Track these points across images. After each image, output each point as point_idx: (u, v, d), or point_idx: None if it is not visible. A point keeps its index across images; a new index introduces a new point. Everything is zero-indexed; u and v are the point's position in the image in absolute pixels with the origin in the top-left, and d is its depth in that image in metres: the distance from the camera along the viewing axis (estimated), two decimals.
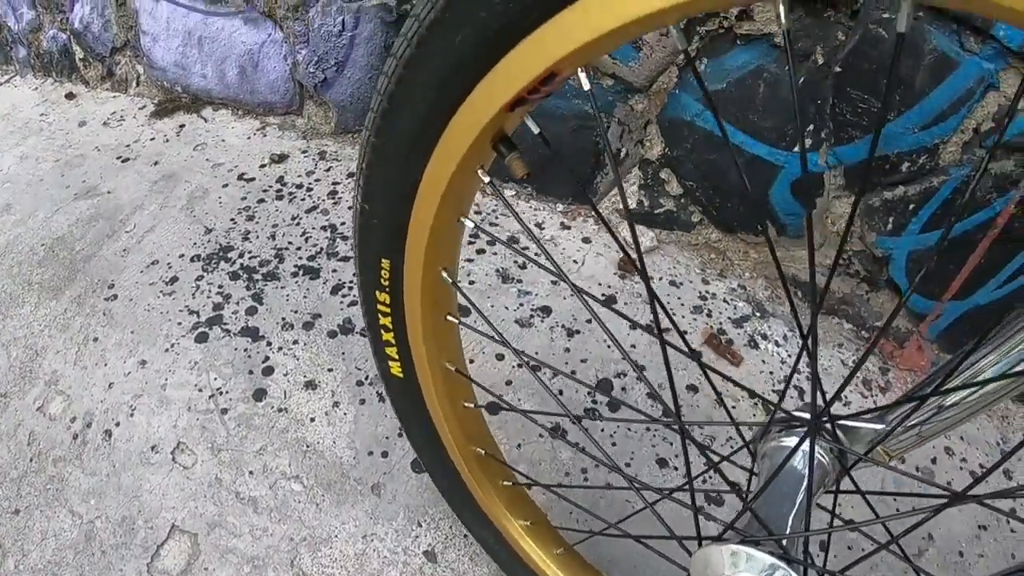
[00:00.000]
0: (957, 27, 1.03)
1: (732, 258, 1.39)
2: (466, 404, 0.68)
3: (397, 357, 0.66)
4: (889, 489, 1.07)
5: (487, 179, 0.47)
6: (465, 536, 0.91)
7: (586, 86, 0.38)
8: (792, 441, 0.52)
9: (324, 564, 0.89)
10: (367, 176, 0.52)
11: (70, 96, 2.22)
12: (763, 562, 0.43)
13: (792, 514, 0.49)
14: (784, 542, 0.45)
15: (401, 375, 0.68)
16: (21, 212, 1.62)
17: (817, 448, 0.52)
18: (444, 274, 0.56)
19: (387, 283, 0.59)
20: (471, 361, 1.13)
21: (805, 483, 0.50)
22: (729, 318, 1.27)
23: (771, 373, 1.19)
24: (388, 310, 0.62)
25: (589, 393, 1.09)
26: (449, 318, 0.61)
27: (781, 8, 0.27)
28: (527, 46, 0.36)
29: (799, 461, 0.52)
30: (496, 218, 1.46)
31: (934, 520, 1.00)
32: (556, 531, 0.80)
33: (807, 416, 0.52)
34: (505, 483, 0.75)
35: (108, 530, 0.96)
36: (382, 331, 0.64)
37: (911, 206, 1.19)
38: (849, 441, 0.53)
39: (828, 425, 0.51)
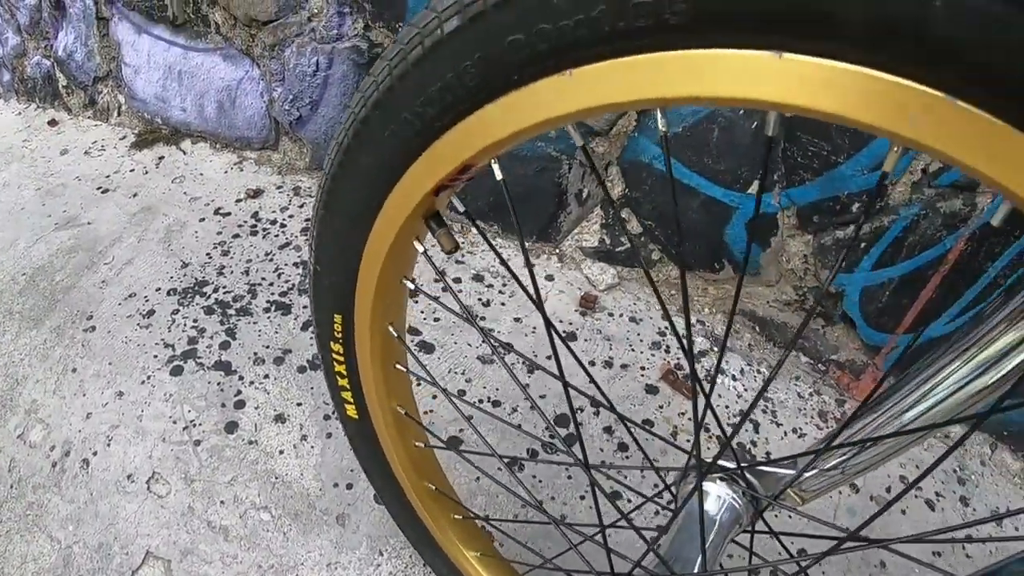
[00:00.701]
0: None
1: (691, 294, 1.47)
2: (416, 444, 0.76)
3: (352, 401, 0.74)
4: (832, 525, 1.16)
5: (422, 249, 0.55)
6: (425, 566, 0.98)
7: (499, 176, 0.46)
8: (709, 487, 0.60)
9: None
10: (318, 242, 0.60)
11: (53, 123, 2.30)
12: None
13: (699, 554, 0.56)
14: None
15: (356, 417, 0.75)
16: (2, 240, 1.69)
17: (731, 492, 0.60)
18: (391, 328, 0.64)
19: (340, 335, 0.67)
20: (433, 397, 1.20)
21: (714, 524, 0.57)
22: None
23: (726, 407, 1.27)
24: (342, 359, 0.69)
25: (547, 428, 1.17)
26: (398, 366, 0.69)
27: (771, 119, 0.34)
28: (444, 142, 0.45)
29: (712, 504, 0.59)
30: (462, 255, 1.54)
31: (886, 553, 1.07)
32: (506, 562, 0.87)
33: (729, 464, 0.60)
34: (456, 516, 0.83)
35: (85, 555, 1.02)
36: (337, 377, 0.72)
37: (862, 245, 1.27)
38: (764, 485, 0.60)
39: (738, 469, 0.59)
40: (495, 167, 0.47)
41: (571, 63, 0.35)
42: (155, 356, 1.33)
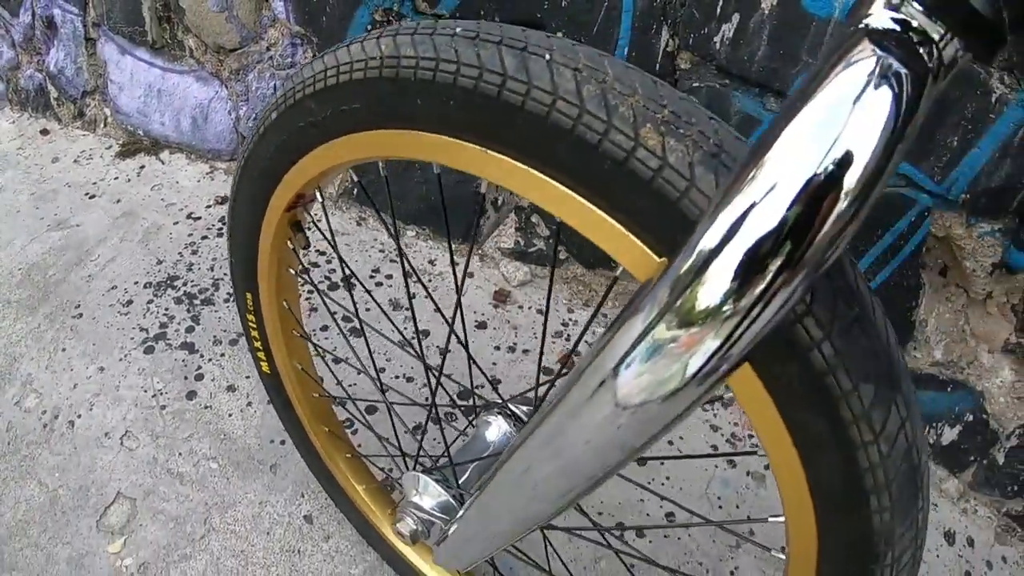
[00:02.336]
0: (759, 90, 1.33)
1: (596, 290, 1.76)
2: (313, 394, 1.05)
3: (265, 359, 1.03)
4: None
5: (291, 247, 0.85)
6: (327, 498, 1.26)
7: (319, 202, 0.76)
8: (489, 418, 0.89)
9: (229, 522, 1.25)
10: (230, 239, 0.90)
11: (44, 132, 2.59)
12: (422, 480, 0.79)
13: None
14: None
15: (269, 372, 1.04)
16: (0, 240, 1.99)
17: (508, 426, 0.88)
18: (285, 303, 0.93)
19: (251, 308, 0.96)
20: (359, 373, 1.50)
21: (489, 447, 0.86)
22: (586, 341, 1.63)
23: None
24: (255, 326, 0.98)
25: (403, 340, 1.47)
26: (294, 332, 0.98)
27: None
28: (286, 179, 0.73)
29: (492, 432, 0.88)
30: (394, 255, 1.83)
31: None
32: (386, 492, 1.16)
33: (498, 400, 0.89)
34: (348, 455, 1.12)
35: (68, 496, 1.31)
36: (254, 340, 1.01)
37: None
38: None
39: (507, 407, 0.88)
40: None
41: (335, 135, 0.64)
42: (131, 338, 1.62)
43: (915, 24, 0.31)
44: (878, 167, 0.32)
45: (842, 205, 0.32)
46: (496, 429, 0.85)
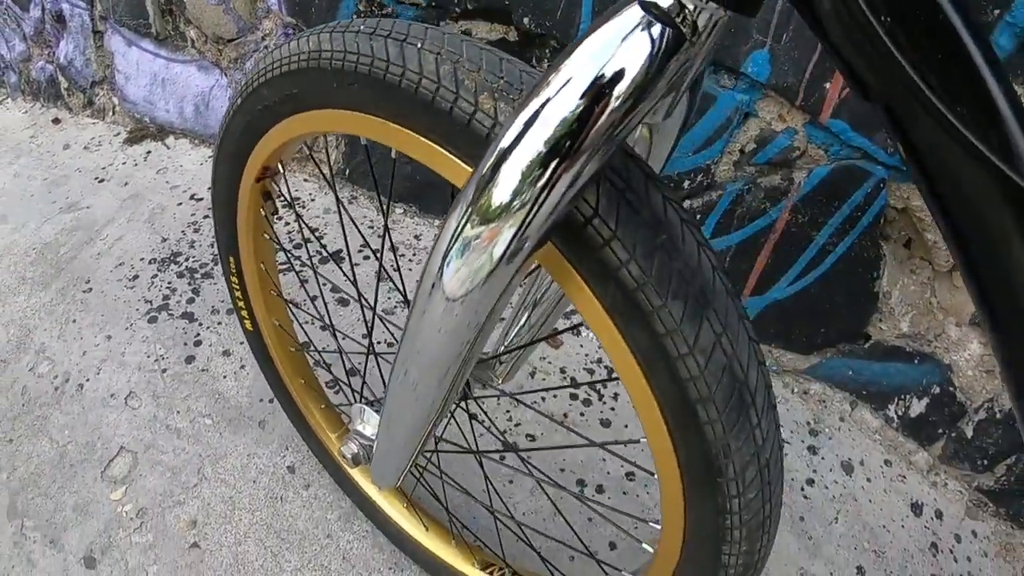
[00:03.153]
0: (713, 68, 1.37)
1: None
2: (291, 348, 1.19)
3: (248, 317, 1.16)
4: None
5: (264, 214, 0.98)
6: (307, 447, 1.39)
7: (284, 181, 0.89)
8: None
9: (219, 472, 1.39)
10: (214, 212, 1.03)
11: (56, 121, 2.75)
12: (365, 411, 0.92)
13: None
14: None
15: (252, 329, 1.18)
16: (15, 222, 2.14)
17: None
18: (262, 266, 1.06)
19: (234, 271, 1.09)
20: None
21: None
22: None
23: (586, 355, 1.66)
24: (238, 287, 1.12)
25: None
26: (272, 292, 1.11)
27: None
28: (253, 154, 0.87)
29: None
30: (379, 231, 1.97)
31: None
32: None
33: None
34: (322, 405, 1.25)
35: (76, 451, 1.45)
36: (237, 300, 1.14)
37: (698, 216, 1.56)
38: (482, 376, 1.01)
39: None
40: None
41: (284, 116, 0.77)
42: (137, 309, 1.76)
43: None
44: (634, 89, 0.43)
45: (607, 112, 0.44)
46: None
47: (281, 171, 0.91)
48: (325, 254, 1.81)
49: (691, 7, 0.43)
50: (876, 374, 1.56)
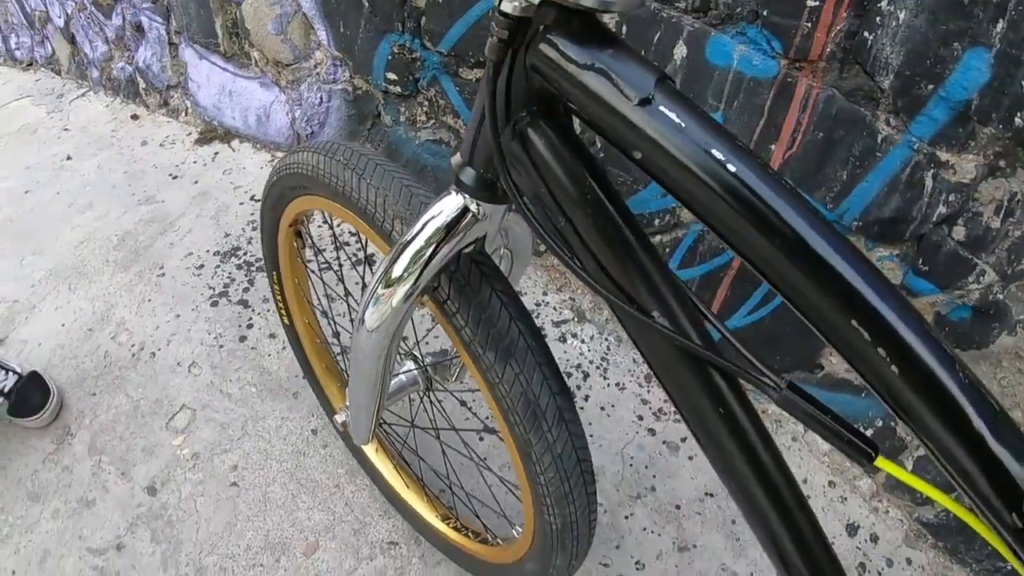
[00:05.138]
0: None
1: (570, 278, 2.24)
2: (317, 340, 1.59)
3: (285, 314, 1.56)
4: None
5: (296, 246, 1.37)
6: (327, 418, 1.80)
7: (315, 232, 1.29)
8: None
9: (259, 430, 1.80)
10: (262, 241, 1.43)
11: (134, 117, 3.19)
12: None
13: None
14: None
15: (288, 323, 1.58)
16: (100, 211, 2.57)
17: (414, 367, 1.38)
18: (296, 281, 1.46)
19: (276, 282, 1.49)
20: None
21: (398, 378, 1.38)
22: (551, 320, 2.11)
23: (567, 361, 2.00)
24: (279, 293, 1.51)
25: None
26: (304, 299, 1.52)
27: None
28: (286, 212, 1.26)
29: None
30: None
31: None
32: None
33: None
34: (340, 385, 1.65)
35: (147, 405, 1.88)
36: (279, 303, 1.55)
37: (666, 250, 1.78)
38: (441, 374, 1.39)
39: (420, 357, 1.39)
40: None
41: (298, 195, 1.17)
42: (201, 294, 2.18)
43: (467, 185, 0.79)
44: (430, 256, 0.81)
45: (435, 243, 0.80)
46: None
47: (307, 222, 1.31)
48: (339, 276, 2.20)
49: (473, 206, 0.80)
50: (827, 402, 1.76)
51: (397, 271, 0.84)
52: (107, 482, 1.70)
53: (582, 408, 1.85)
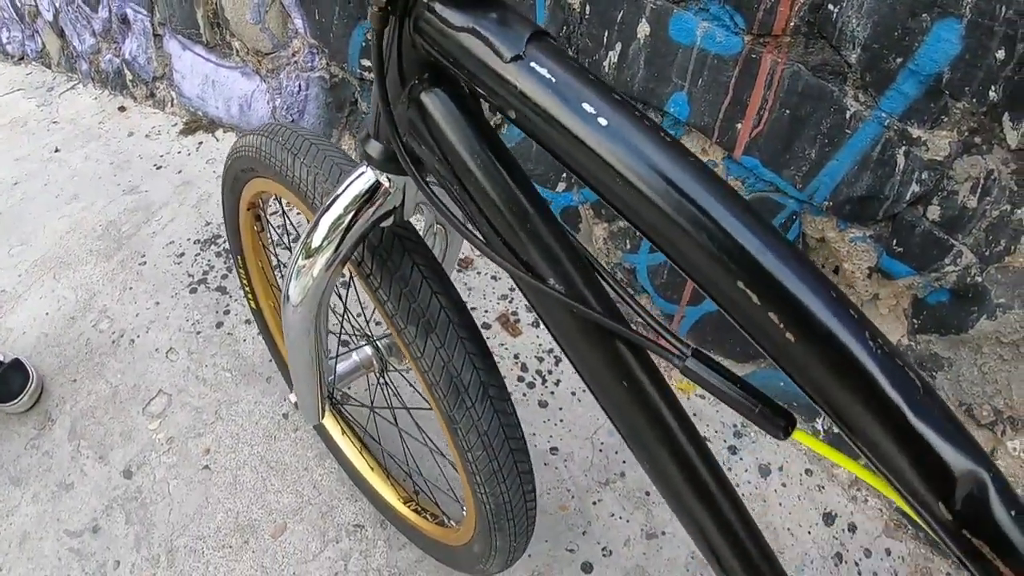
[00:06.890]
0: (642, 106, 1.53)
1: None
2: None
3: (252, 298, 1.60)
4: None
5: (256, 229, 1.41)
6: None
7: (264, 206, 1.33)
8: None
9: (232, 414, 1.85)
10: (225, 226, 1.47)
11: (122, 108, 3.23)
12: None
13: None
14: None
15: (256, 307, 1.62)
16: (85, 201, 2.62)
17: (369, 351, 1.42)
18: (259, 263, 1.50)
19: (242, 267, 1.53)
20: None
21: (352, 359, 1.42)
22: (524, 305, 2.13)
23: (540, 345, 2.00)
24: (244, 277, 1.55)
25: None
26: (268, 282, 1.56)
27: None
28: (243, 194, 1.30)
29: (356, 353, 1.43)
30: None
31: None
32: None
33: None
34: None
35: (125, 391, 1.93)
36: (245, 286, 1.59)
37: (636, 236, 1.82)
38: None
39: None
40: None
41: (249, 178, 1.21)
42: (181, 281, 2.23)
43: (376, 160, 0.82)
44: (348, 225, 0.84)
45: (346, 212, 0.82)
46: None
47: (263, 205, 1.35)
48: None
49: (385, 181, 0.82)
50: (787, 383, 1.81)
51: (316, 241, 0.85)
52: (85, 466, 1.75)
53: (553, 393, 1.87)
